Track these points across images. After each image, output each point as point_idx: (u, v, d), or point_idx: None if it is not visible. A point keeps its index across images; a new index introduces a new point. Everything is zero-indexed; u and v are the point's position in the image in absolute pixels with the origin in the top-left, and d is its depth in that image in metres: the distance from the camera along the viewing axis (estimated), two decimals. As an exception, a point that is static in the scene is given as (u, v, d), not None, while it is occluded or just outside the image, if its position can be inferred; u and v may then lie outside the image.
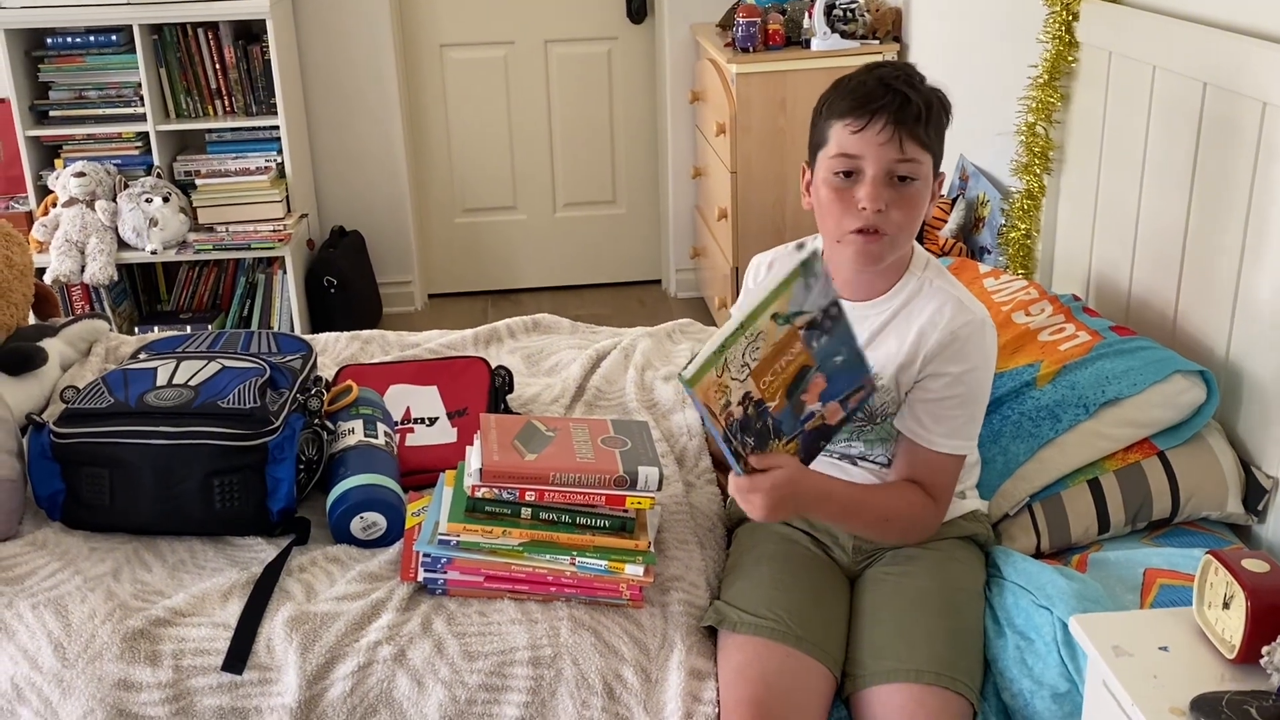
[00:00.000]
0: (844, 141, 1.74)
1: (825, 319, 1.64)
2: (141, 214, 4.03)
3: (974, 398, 1.79)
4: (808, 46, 3.88)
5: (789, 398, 1.67)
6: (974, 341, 1.76)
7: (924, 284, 1.81)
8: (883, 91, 1.72)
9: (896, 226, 1.74)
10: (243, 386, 1.94)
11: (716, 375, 1.60)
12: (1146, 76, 2.25)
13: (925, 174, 1.75)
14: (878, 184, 1.72)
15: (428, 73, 4.67)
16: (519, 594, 1.81)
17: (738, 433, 1.65)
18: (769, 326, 1.62)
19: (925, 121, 1.73)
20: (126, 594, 1.79)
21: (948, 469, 1.80)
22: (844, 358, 1.66)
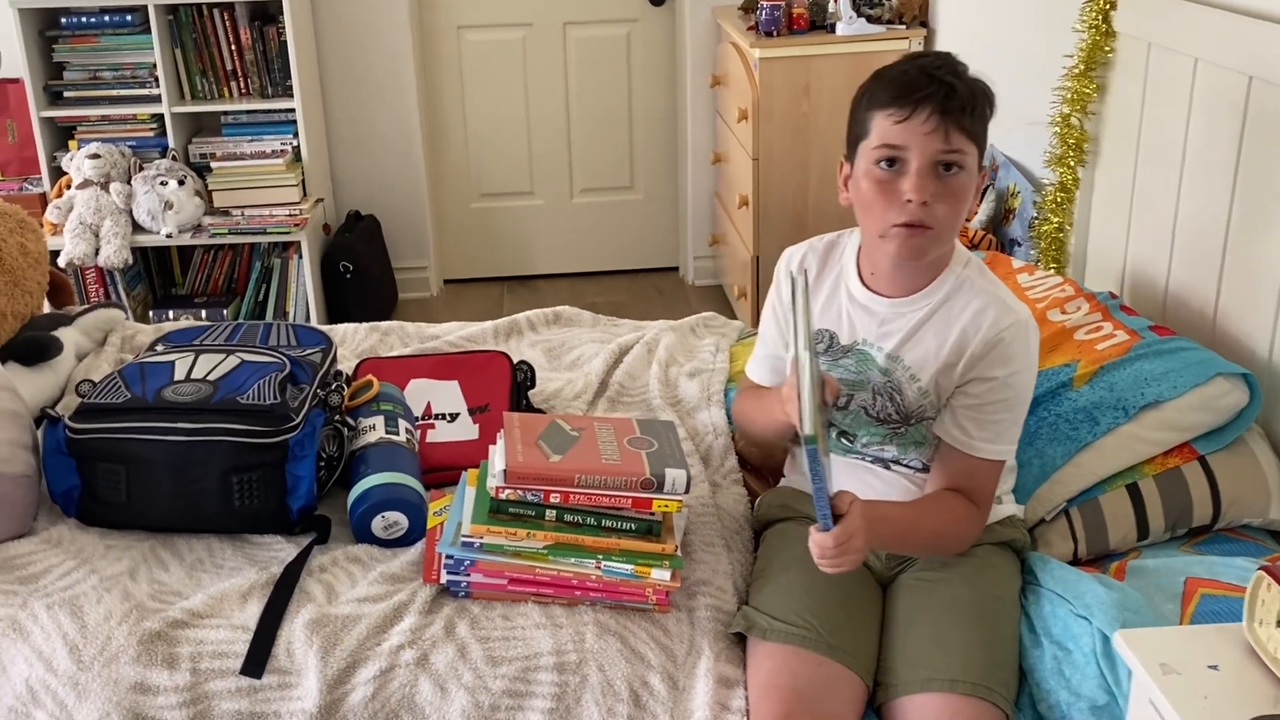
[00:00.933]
0: (887, 132, 1.68)
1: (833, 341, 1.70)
2: (157, 197, 3.99)
3: (1018, 401, 1.74)
4: (833, 31, 3.82)
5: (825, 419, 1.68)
6: (1019, 344, 1.71)
7: (964, 282, 1.76)
8: (927, 81, 1.67)
9: (941, 220, 1.68)
10: (262, 382, 1.90)
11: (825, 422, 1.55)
12: (1188, 68, 2.19)
13: (971, 165, 1.69)
14: (923, 175, 1.66)
15: (444, 55, 4.61)
16: (543, 597, 1.77)
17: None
18: (806, 361, 1.55)
19: (971, 111, 1.67)
20: (143, 594, 1.75)
21: (991, 475, 1.75)
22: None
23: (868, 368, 1.80)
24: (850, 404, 1.81)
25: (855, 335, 1.81)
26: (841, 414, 1.82)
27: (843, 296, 1.83)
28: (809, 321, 1.57)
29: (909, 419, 1.78)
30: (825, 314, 1.84)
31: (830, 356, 1.83)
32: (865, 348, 1.80)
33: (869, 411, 1.80)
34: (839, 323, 1.82)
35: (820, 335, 1.84)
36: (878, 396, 1.79)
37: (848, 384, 1.82)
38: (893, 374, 1.78)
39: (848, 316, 1.82)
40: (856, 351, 1.81)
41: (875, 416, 1.80)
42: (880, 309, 1.79)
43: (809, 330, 1.57)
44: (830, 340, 1.83)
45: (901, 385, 1.77)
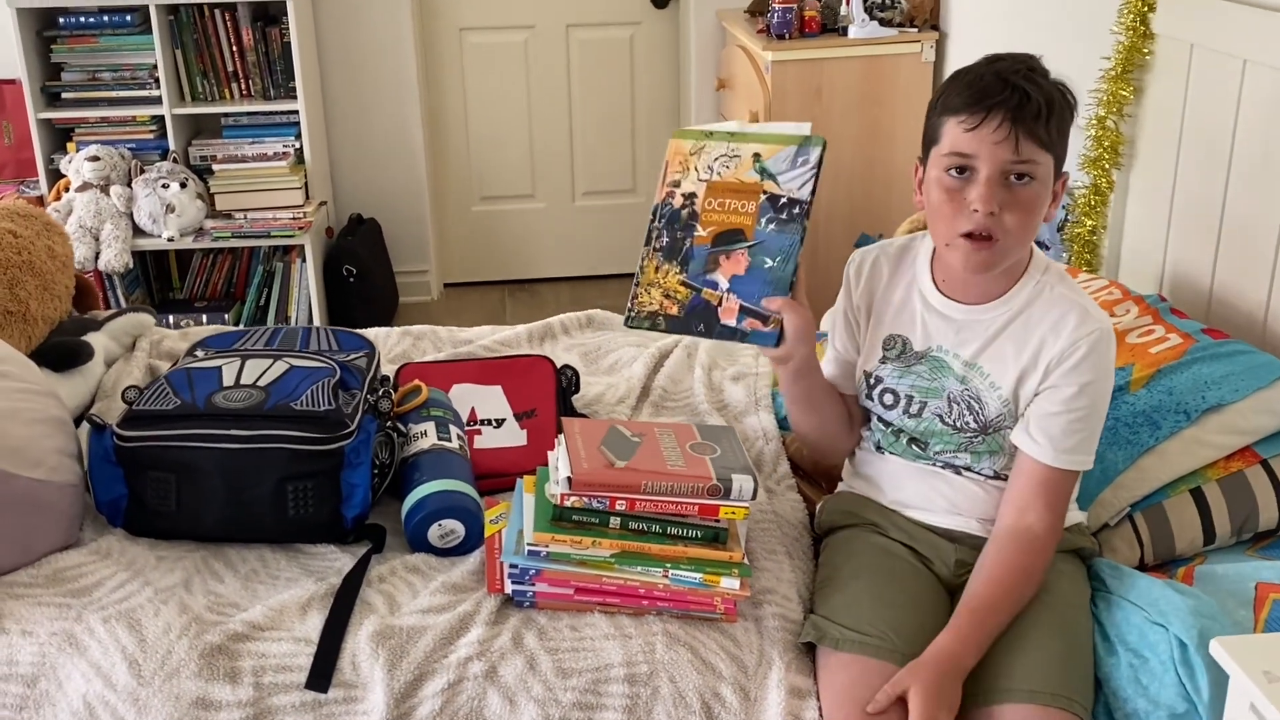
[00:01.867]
0: (957, 139, 1.66)
1: (787, 205, 1.72)
2: (158, 200, 3.92)
3: (1096, 411, 1.72)
4: (844, 34, 3.80)
5: (714, 243, 1.74)
6: (1099, 352, 1.69)
7: (1043, 289, 1.73)
8: (1000, 87, 1.64)
9: (1009, 231, 1.65)
10: (315, 387, 1.85)
11: (690, 149, 1.73)
12: (1236, 70, 2.18)
13: (1044, 175, 1.67)
14: (991, 184, 1.64)
15: (447, 57, 4.57)
16: (609, 607, 1.73)
17: (660, 217, 1.76)
18: (747, 158, 1.73)
19: (1045, 119, 1.64)
20: (200, 606, 1.70)
21: (1068, 485, 1.73)
22: (774, 267, 1.71)
23: (943, 375, 1.77)
24: (924, 411, 1.79)
25: (930, 341, 1.78)
26: (915, 421, 1.80)
27: (916, 301, 1.80)
28: (771, 139, 1.73)
29: (987, 428, 1.75)
30: (898, 319, 1.81)
31: (902, 363, 1.80)
32: (940, 354, 1.77)
33: (944, 419, 1.77)
34: (912, 328, 1.80)
35: (892, 341, 1.81)
36: (954, 405, 1.76)
37: (920, 391, 1.79)
38: (970, 382, 1.75)
39: (922, 322, 1.79)
40: (930, 358, 1.78)
41: (952, 425, 1.77)
42: (957, 315, 1.76)
43: (762, 139, 1.74)
44: (903, 346, 1.80)
45: (981, 394, 1.74)
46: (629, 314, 1.79)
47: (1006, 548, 1.69)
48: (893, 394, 1.81)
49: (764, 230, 1.75)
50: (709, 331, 1.77)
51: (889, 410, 1.82)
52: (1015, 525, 1.70)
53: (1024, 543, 1.68)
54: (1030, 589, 1.68)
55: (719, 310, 1.76)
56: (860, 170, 3.85)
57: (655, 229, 1.78)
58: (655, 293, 1.78)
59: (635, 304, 1.78)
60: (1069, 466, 1.71)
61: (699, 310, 1.77)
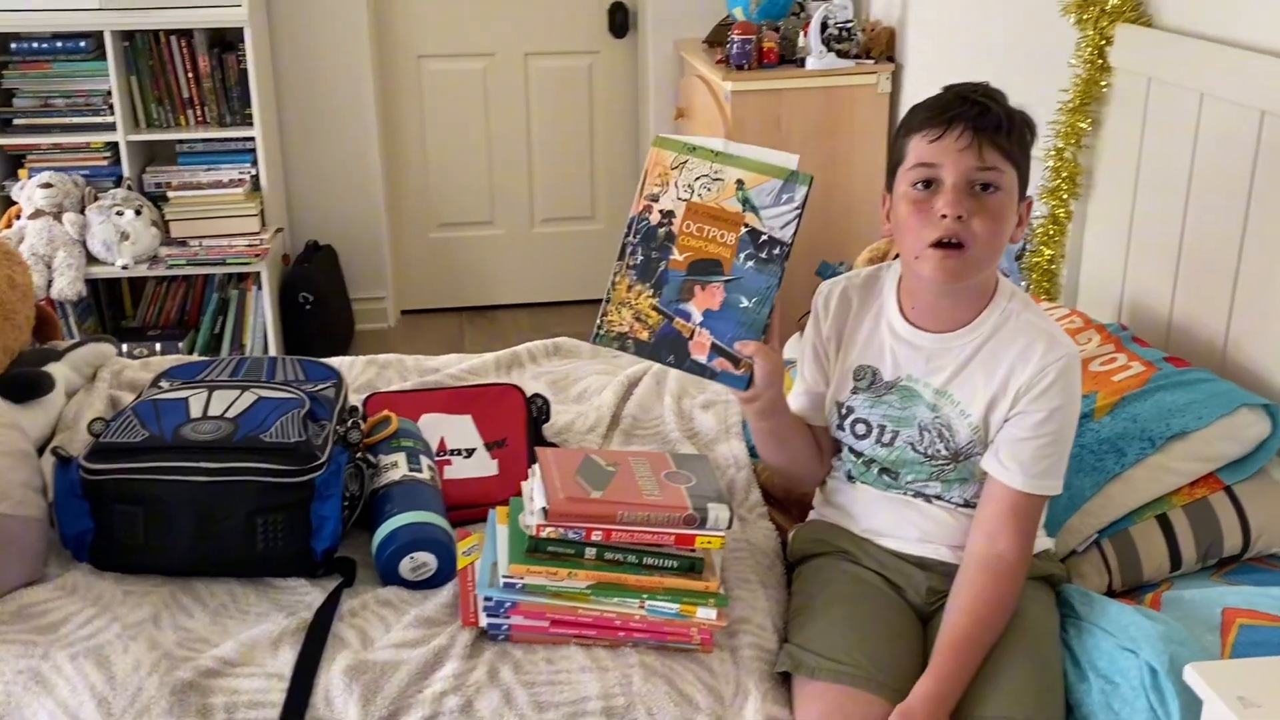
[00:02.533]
0: (922, 152, 1.69)
1: (768, 244, 1.73)
2: (112, 227, 3.88)
3: (1064, 436, 1.74)
4: (802, 65, 3.83)
5: (689, 270, 1.71)
6: (1066, 378, 1.71)
7: (1010, 316, 1.75)
8: (960, 102, 1.69)
9: (978, 238, 1.67)
10: (285, 419, 1.84)
11: (671, 163, 1.70)
12: (1192, 103, 2.22)
13: (1008, 185, 1.69)
14: (958, 190, 1.67)
15: (405, 84, 4.56)
16: (585, 639, 1.73)
17: (635, 232, 1.74)
18: (730, 183, 1.72)
19: (1006, 131, 1.68)
20: (170, 642, 1.67)
21: (1037, 510, 1.75)
22: (749, 309, 1.73)
23: (914, 404, 1.79)
24: (895, 441, 1.80)
25: (899, 371, 1.80)
26: (886, 450, 1.81)
27: (884, 332, 1.82)
28: (756, 166, 1.73)
29: (958, 456, 1.77)
30: (867, 350, 1.83)
31: (873, 393, 1.81)
32: (910, 384, 1.79)
33: (916, 448, 1.79)
34: (881, 358, 1.81)
35: (862, 371, 1.82)
36: (925, 433, 1.78)
37: (891, 420, 1.80)
38: (941, 410, 1.77)
39: (890, 352, 1.80)
40: (901, 388, 1.80)
41: (923, 453, 1.78)
42: (926, 344, 1.78)
43: (747, 165, 1.73)
44: (873, 376, 1.81)
45: (952, 422, 1.76)
46: (597, 331, 1.79)
47: (979, 579, 1.69)
48: (865, 424, 1.82)
49: (742, 266, 1.75)
50: (678, 363, 1.77)
51: (861, 440, 1.83)
52: (986, 553, 1.71)
53: (996, 571, 1.69)
54: (1005, 617, 1.69)
55: (690, 343, 1.76)
56: (819, 199, 3.86)
57: (630, 244, 1.77)
58: (626, 313, 1.78)
59: (605, 321, 1.78)
60: (1039, 492, 1.73)
61: (669, 340, 1.77)
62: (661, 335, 1.77)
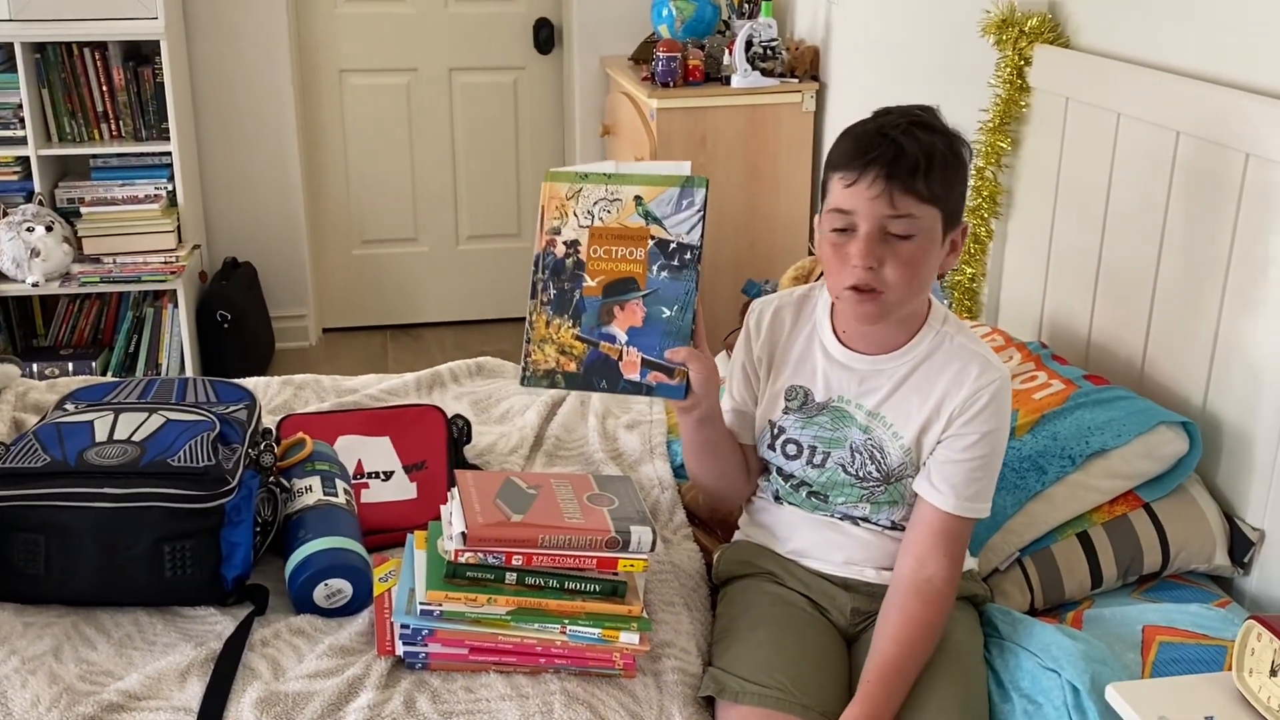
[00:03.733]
0: (838, 196, 1.67)
1: (678, 251, 1.72)
2: (22, 244, 3.77)
3: (995, 459, 1.73)
4: (728, 83, 3.84)
5: (604, 293, 1.71)
6: (999, 401, 1.71)
7: (944, 339, 1.74)
8: (877, 142, 1.64)
9: (892, 285, 1.66)
10: (193, 442, 1.78)
11: (566, 194, 1.66)
12: (1109, 124, 2.24)
13: (926, 228, 1.66)
14: (870, 240, 1.64)
15: (326, 99, 4.51)
16: (505, 666, 1.69)
17: (543, 268, 1.71)
18: (628, 201, 1.70)
19: (924, 173, 1.63)
20: (71, 676, 1.61)
21: (967, 533, 1.74)
22: (672, 317, 1.73)
23: (846, 425, 1.77)
24: (827, 462, 1.79)
25: (832, 392, 1.78)
26: (818, 471, 1.79)
27: (817, 353, 1.80)
28: (651, 180, 1.71)
29: (890, 478, 1.75)
30: (800, 369, 1.81)
31: (804, 414, 1.80)
32: (842, 404, 1.78)
33: (847, 469, 1.77)
34: (814, 379, 1.80)
35: (794, 391, 1.81)
36: (857, 454, 1.77)
37: (823, 442, 1.79)
38: (873, 432, 1.75)
39: (823, 374, 1.79)
40: (832, 409, 1.78)
41: (854, 475, 1.77)
42: (859, 365, 1.77)
43: (641, 180, 1.71)
44: (805, 397, 1.80)
45: (884, 444, 1.75)
46: (524, 374, 1.75)
47: (908, 604, 1.68)
48: (795, 444, 1.81)
49: (657, 278, 1.74)
50: (612, 386, 1.75)
51: (791, 461, 1.81)
52: (915, 577, 1.69)
53: (925, 596, 1.68)
54: (934, 643, 1.68)
55: (620, 364, 1.74)
56: (744, 217, 3.88)
57: (540, 280, 1.74)
58: (549, 349, 1.75)
59: (529, 362, 1.75)
60: (969, 514, 1.72)
61: (598, 365, 1.74)
62: (589, 363, 1.75)
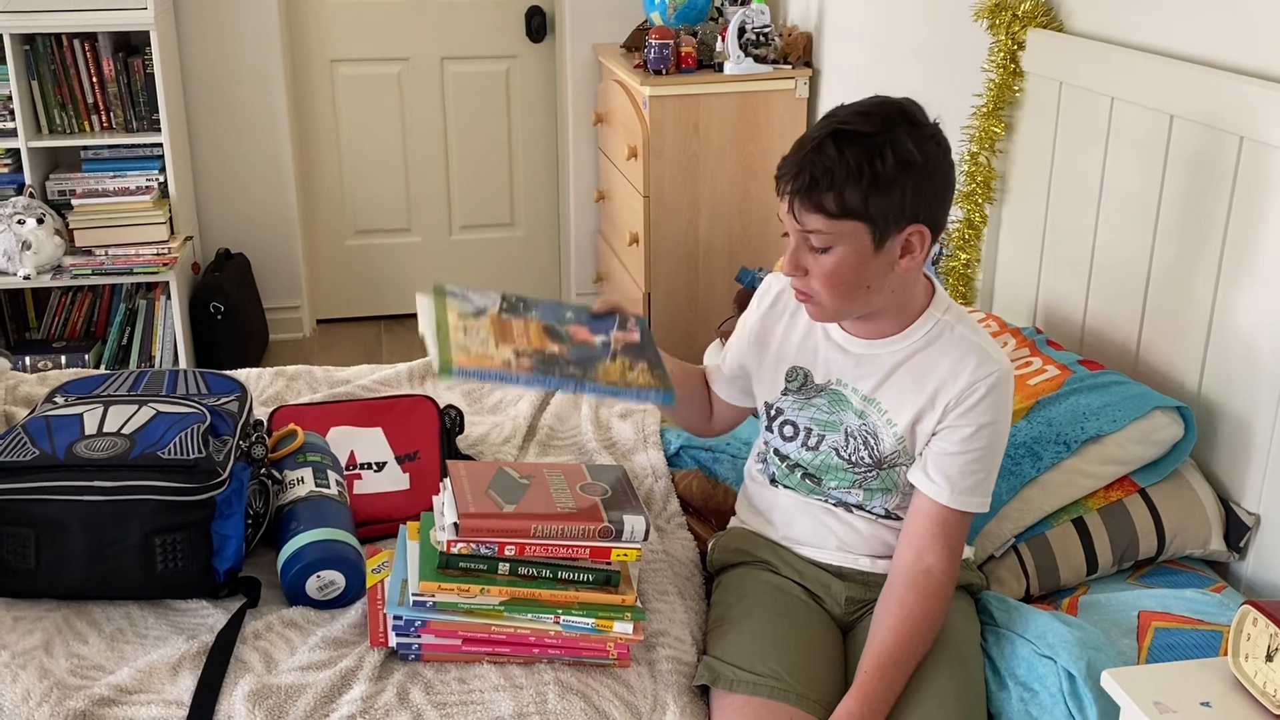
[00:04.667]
0: (779, 207, 1.69)
1: (506, 300, 1.75)
2: (13, 236, 3.75)
3: (994, 453, 1.72)
4: (720, 70, 3.82)
5: (561, 340, 1.71)
6: (997, 393, 1.69)
7: (944, 329, 1.73)
8: (794, 158, 1.63)
9: (817, 293, 1.67)
10: (183, 434, 1.77)
11: (467, 353, 1.62)
12: (1103, 108, 2.23)
13: (844, 242, 1.62)
14: (795, 252, 1.67)
15: (318, 89, 4.48)
16: (499, 657, 1.68)
17: (559, 364, 1.65)
18: (466, 324, 1.68)
19: (840, 188, 1.59)
20: (63, 670, 1.60)
21: (964, 526, 1.72)
22: (572, 312, 1.78)
23: (842, 409, 1.77)
24: (821, 445, 1.78)
25: (830, 374, 1.78)
26: (811, 454, 1.79)
27: (818, 334, 1.80)
28: (443, 312, 1.70)
29: (881, 464, 1.75)
30: (801, 351, 1.81)
31: (803, 395, 1.79)
32: (839, 388, 1.77)
33: (840, 454, 1.77)
34: (814, 360, 1.79)
35: (794, 372, 1.80)
36: (851, 439, 1.76)
37: (819, 424, 1.78)
38: (868, 417, 1.75)
39: (823, 355, 1.79)
40: (830, 391, 1.77)
41: (847, 459, 1.76)
42: (856, 349, 1.76)
43: (443, 321, 1.68)
44: (804, 378, 1.79)
45: (878, 430, 1.74)
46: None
47: (907, 597, 1.66)
48: (793, 426, 1.80)
49: (540, 312, 1.76)
50: (648, 351, 1.76)
51: (788, 443, 1.81)
52: (913, 569, 1.68)
53: (924, 589, 1.66)
54: (933, 635, 1.67)
55: (625, 340, 1.77)
56: (737, 204, 3.87)
57: (575, 371, 1.67)
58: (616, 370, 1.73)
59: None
60: (966, 508, 1.70)
61: (641, 351, 1.76)
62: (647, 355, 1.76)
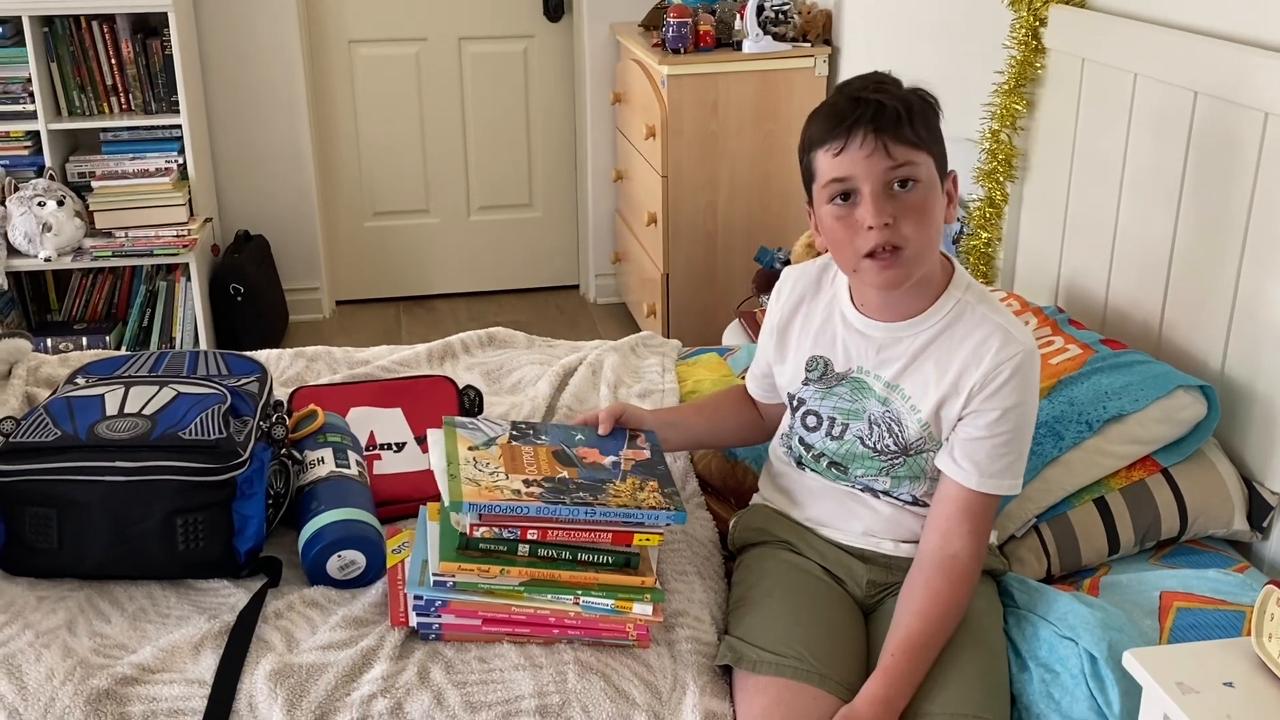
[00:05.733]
0: (831, 167, 1.64)
1: (516, 428, 1.81)
2: (34, 218, 3.77)
3: (1022, 435, 1.69)
4: (739, 49, 3.80)
5: (571, 464, 1.74)
6: (1022, 374, 1.66)
7: (966, 308, 1.71)
8: (854, 106, 1.62)
9: (910, 239, 1.63)
10: (204, 415, 1.77)
11: (478, 486, 1.65)
12: (1126, 84, 2.21)
13: (927, 175, 1.64)
14: (877, 198, 1.61)
15: (336, 70, 4.48)
16: (519, 637, 1.68)
17: (569, 491, 1.67)
18: (477, 455, 1.73)
19: (909, 120, 1.62)
20: (85, 649, 1.61)
21: (992, 510, 1.70)
22: (582, 434, 1.83)
23: (864, 396, 1.75)
24: (845, 434, 1.77)
25: (851, 362, 1.76)
26: (836, 443, 1.77)
27: (837, 321, 1.78)
28: (454, 444, 1.75)
29: (908, 451, 1.73)
30: (820, 339, 1.79)
31: (824, 384, 1.78)
32: (861, 375, 1.75)
33: (865, 442, 1.75)
34: (833, 349, 1.78)
35: (814, 362, 1.79)
36: (875, 427, 1.74)
37: (842, 413, 1.77)
38: (892, 404, 1.73)
39: (843, 343, 1.77)
40: (852, 379, 1.76)
41: (872, 447, 1.75)
42: (877, 334, 1.74)
43: (453, 454, 1.73)
44: (825, 367, 1.78)
45: (902, 416, 1.72)
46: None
47: (934, 580, 1.65)
48: (815, 416, 1.79)
49: (551, 439, 1.82)
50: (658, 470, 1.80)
51: (812, 433, 1.80)
52: (940, 555, 1.67)
53: (950, 573, 1.65)
54: (958, 619, 1.66)
55: (635, 459, 1.82)
56: (757, 184, 3.86)
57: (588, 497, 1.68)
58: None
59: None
60: (994, 491, 1.68)
61: (653, 472, 1.79)
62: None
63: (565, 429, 1.86)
